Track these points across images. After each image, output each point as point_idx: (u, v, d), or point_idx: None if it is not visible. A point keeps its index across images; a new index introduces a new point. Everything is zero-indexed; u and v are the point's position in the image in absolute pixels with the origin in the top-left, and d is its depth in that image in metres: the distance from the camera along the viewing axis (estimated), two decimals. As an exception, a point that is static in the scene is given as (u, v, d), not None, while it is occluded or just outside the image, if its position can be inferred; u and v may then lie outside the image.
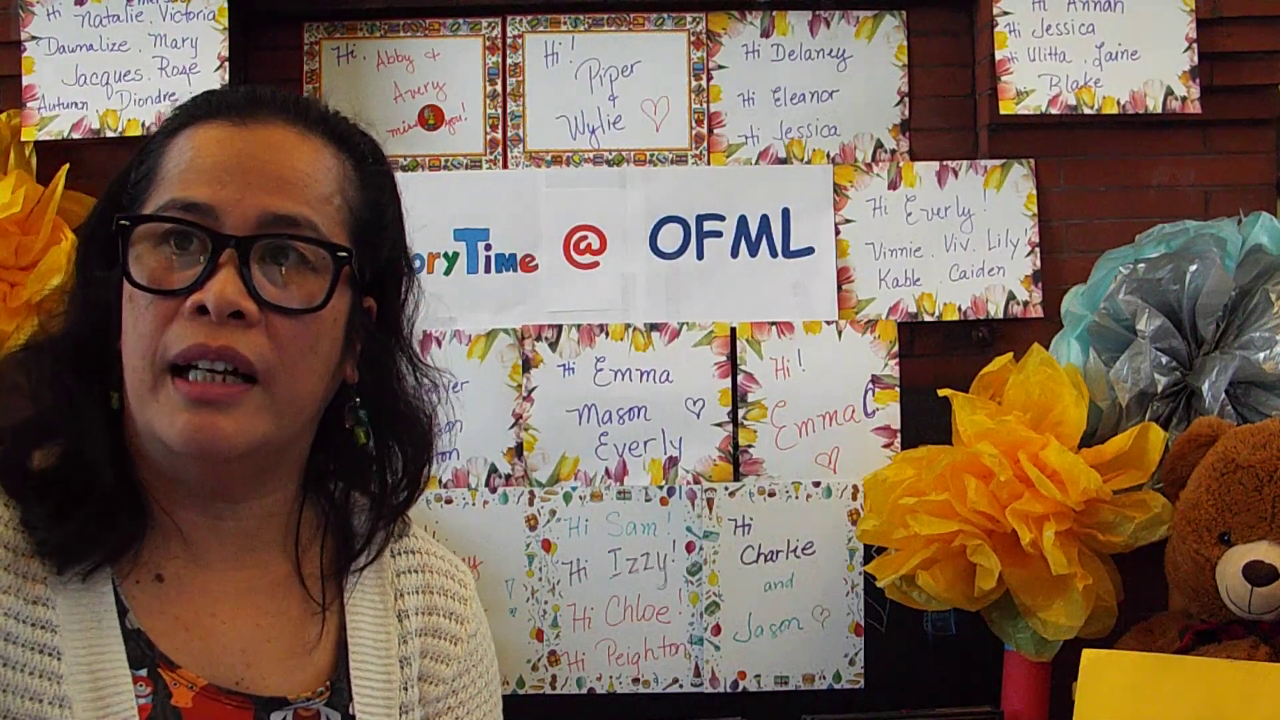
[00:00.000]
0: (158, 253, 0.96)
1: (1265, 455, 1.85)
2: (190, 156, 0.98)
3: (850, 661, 2.27)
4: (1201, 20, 2.29)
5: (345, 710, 1.04)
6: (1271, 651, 1.83)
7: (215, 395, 0.94)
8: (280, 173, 0.98)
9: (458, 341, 2.31)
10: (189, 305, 0.94)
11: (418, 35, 2.43)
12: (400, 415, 1.09)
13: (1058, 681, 2.11)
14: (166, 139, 1.01)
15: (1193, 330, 2.13)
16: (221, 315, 0.93)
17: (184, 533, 1.02)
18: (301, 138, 1.01)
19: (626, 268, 2.36)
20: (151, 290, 0.95)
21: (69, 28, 2.27)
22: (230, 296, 0.93)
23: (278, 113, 1.01)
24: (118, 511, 0.98)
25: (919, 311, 2.35)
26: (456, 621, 1.14)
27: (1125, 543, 2.03)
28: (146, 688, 0.96)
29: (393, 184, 1.09)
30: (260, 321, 0.95)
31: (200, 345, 0.94)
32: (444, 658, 1.12)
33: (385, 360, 1.08)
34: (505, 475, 2.30)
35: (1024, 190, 2.36)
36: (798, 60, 2.42)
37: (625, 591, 2.27)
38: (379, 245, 1.05)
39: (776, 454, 2.30)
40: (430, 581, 1.14)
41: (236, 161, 0.97)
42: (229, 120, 0.99)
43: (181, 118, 1.02)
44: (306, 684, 1.03)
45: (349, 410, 1.06)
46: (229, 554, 1.04)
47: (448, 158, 2.41)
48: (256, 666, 1.02)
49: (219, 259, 0.94)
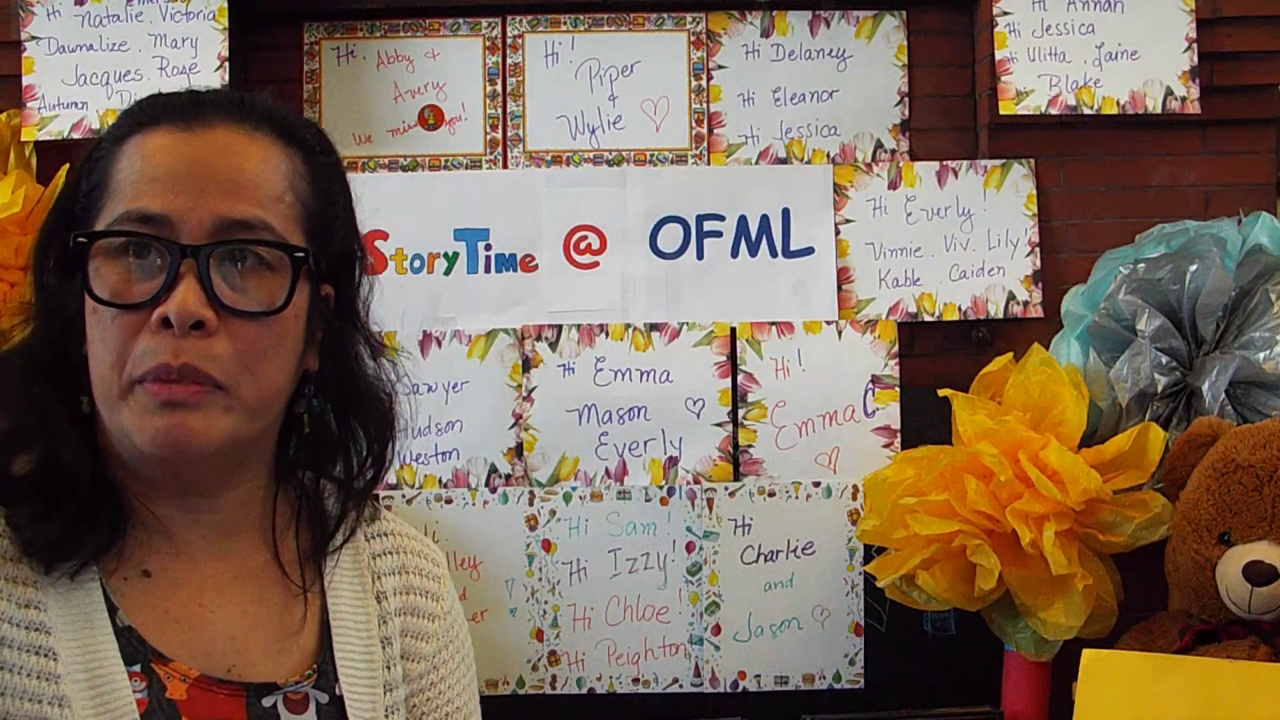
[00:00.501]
0: (116, 265, 0.98)
1: (1265, 455, 1.86)
2: (141, 166, 0.99)
3: (850, 661, 2.27)
4: (1201, 20, 2.29)
5: (332, 691, 1.06)
6: (1271, 651, 1.83)
7: (183, 396, 0.96)
8: (232, 176, 1.00)
9: (458, 341, 2.31)
10: (154, 320, 0.96)
11: (418, 35, 2.43)
12: (361, 397, 1.12)
13: (1058, 681, 2.11)
14: (114, 146, 1.02)
15: (1193, 330, 2.13)
16: (183, 327, 0.96)
17: (165, 527, 1.04)
18: (249, 138, 1.02)
19: (626, 268, 2.36)
20: (115, 305, 0.97)
21: (69, 28, 2.26)
22: (192, 308, 0.95)
23: (224, 114, 1.02)
24: (99, 510, 1.00)
25: (919, 311, 2.35)
26: (432, 599, 1.17)
27: (1125, 543, 2.03)
28: (141, 683, 0.98)
29: (342, 172, 1.11)
30: (221, 328, 0.97)
31: (164, 365, 0.96)
32: (423, 635, 1.16)
33: (345, 345, 1.10)
34: (505, 475, 2.30)
35: (1024, 190, 2.36)
36: (798, 60, 2.42)
37: (625, 591, 2.27)
38: (332, 234, 1.07)
39: (776, 454, 2.30)
40: (406, 562, 1.17)
41: (188, 169, 0.99)
42: (176, 125, 1.01)
43: (128, 124, 1.03)
44: (294, 668, 1.06)
45: (302, 398, 1.08)
46: (210, 545, 1.06)
47: (448, 158, 2.41)
48: (246, 653, 1.04)
49: (179, 269, 0.96)
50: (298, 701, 1.04)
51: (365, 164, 2.38)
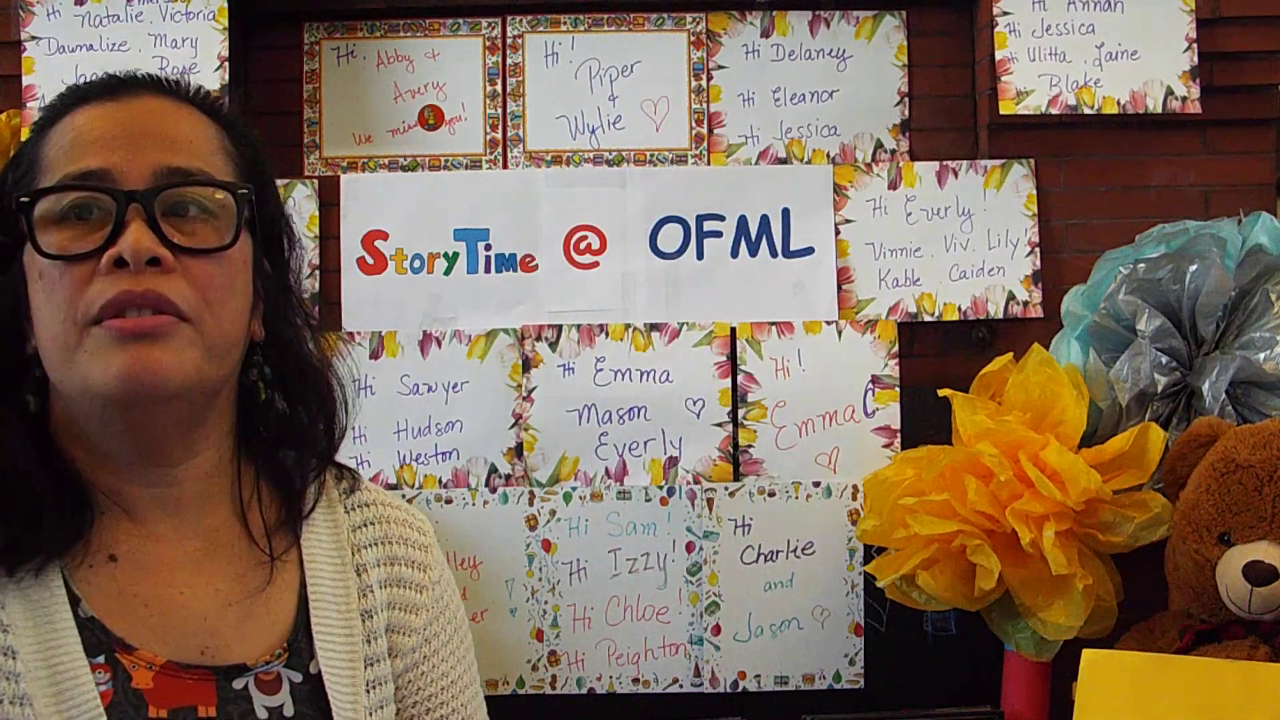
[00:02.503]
0: (60, 229, 0.97)
1: (1265, 455, 1.85)
2: (72, 136, 0.99)
3: (850, 661, 2.27)
4: (1201, 20, 2.29)
5: (305, 670, 1.05)
6: (1271, 651, 1.82)
7: (149, 326, 0.95)
8: (166, 132, 1.00)
9: (458, 341, 2.31)
10: (105, 261, 0.95)
11: (418, 35, 2.43)
12: (302, 370, 1.11)
13: (1058, 681, 2.11)
14: (40, 133, 1.02)
15: (1193, 330, 2.13)
16: (139, 263, 0.95)
17: (129, 511, 1.02)
18: (177, 106, 1.03)
19: (626, 268, 2.36)
20: (64, 257, 0.96)
21: (69, 28, 2.26)
22: (146, 244, 0.95)
23: (150, 88, 1.04)
24: (58, 507, 0.98)
25: (919, 311, 2.35)
26: (420, 570, 1.16)
27: (1125, 543, 2.03)
28: (106, 674, 0.97)
29: (265, 154, 1.11)
30: (177, 268, 0.97)
31: (126, 292, 0.94)
32: (412, 607, 1.14)
33: (284, 317, 1.10)
34: (505, 475, 2.30)
35: (1024, 190, 2.36)
36: (798, 60, 2.42)
37: (625, 591, 2.27)
38: (265, 199, 1.07)
39: (776, 454, 2.30)
40: (388, 532, 1.15)
41: (121, 129, 0.99)
42: (102, 99, 1.01)
43: (51, 112, 1.03)
44: (268, 647, 1.04)
45: (253, 365, 1.08)
46: (177, 523, 1.04)
47: (448, 158, 2.41)
48: (220, 634, 1.02)
49: (125, 215, 0.96)
50: (269, 682, 1.02)
51: (365, 164, 2.38)
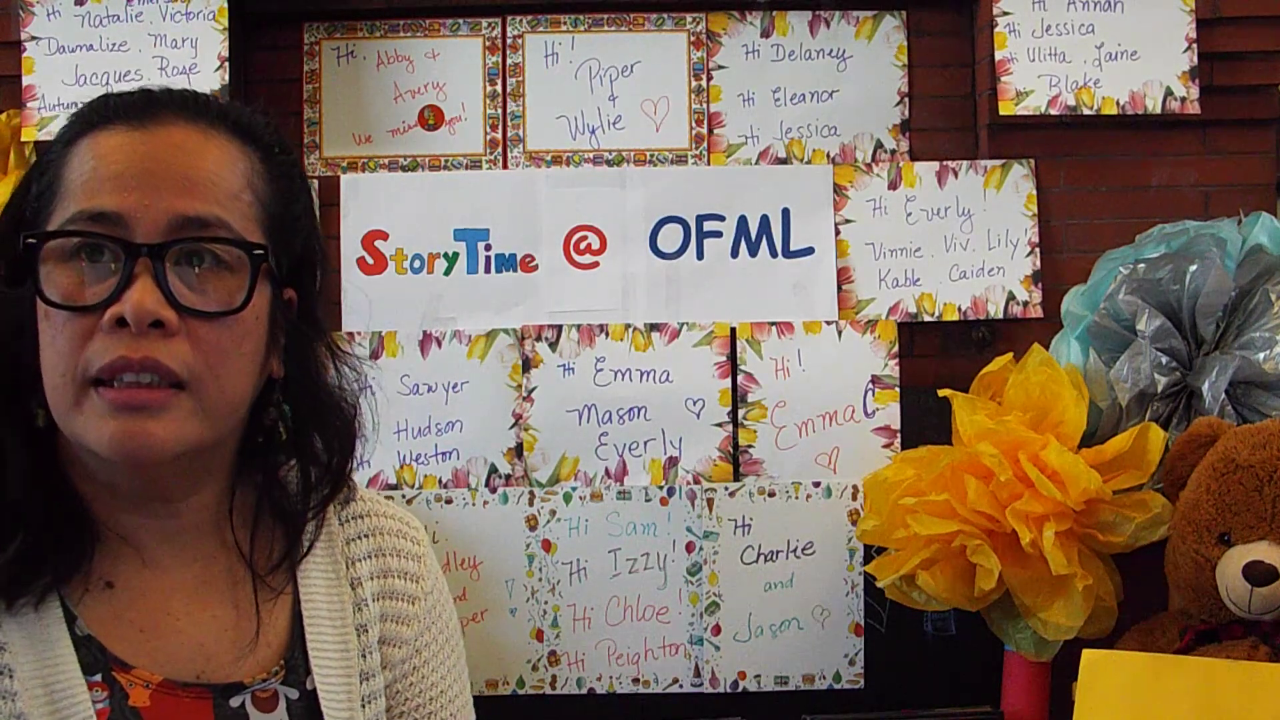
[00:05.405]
0: (69, 268, 0.94)
1: (1265, 455, 1.85)
2: (93, 165, 0.95)
3: (850, 661, 2.27)
4: (1201, 20, 2.29)
5: (302, 686, 1.04)
6: (1271, 651, 1.83)
7: (143, 400, 0.92)
8: (187, 173, 0.96)
9: (458, 341, 2.31)
10: (107, 319, 0.91)
11: (418, 35, 2.42)
12: (322, 406, 1.08)
13: (1058, 681, 2.11)
14: (65, 148, 0.98)
15: (1193, 330, 2.13)
16: (141, 326, 0.91)
17: (128, 539, 1.01)
18: (205, 135, 0.99)
19: (626, 268, 2.36)
20: (67, 307, 0.92)
21: (69, 28, 2.26)
22: (149, 306, 0.91)
23: (177, 112, 0.99)
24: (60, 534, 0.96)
25: (919, 311, 2.35)
26: (412, 581, 1.14)
27: (1125, 543, 2.03)
28: (103, 692, 0.96)
29: (301, 172, 1.07)
30: (181, 329, 0.93)
31: (122, 358, 0.91)
32: (403, 619, 1.13)
33: (306, 351, 1.06)
34: (505, 475, 2.30)
35: (1024, 190, 2.36)
36: (798, 60, 2.42)
37: (625, 591, 2.27)
38: (293, 236, 1.03)
39: (776, 454, 2.30)
40: (382, 544, 1.14)
41: (141, 166, 0.95)
42: (128, 124, 0.97)
43: (79, 125, 0.99)
44: (265, 665, 1.03)
45: (274, 405, 1.05)
46: (176, 552, 1.03)
47: (448, 158, 2.41)
48: (216, 658, 1.01)
49: (133, 269, 0.92)
50: (266, 699, 1.02)
51: (365, 164, 2.38)
